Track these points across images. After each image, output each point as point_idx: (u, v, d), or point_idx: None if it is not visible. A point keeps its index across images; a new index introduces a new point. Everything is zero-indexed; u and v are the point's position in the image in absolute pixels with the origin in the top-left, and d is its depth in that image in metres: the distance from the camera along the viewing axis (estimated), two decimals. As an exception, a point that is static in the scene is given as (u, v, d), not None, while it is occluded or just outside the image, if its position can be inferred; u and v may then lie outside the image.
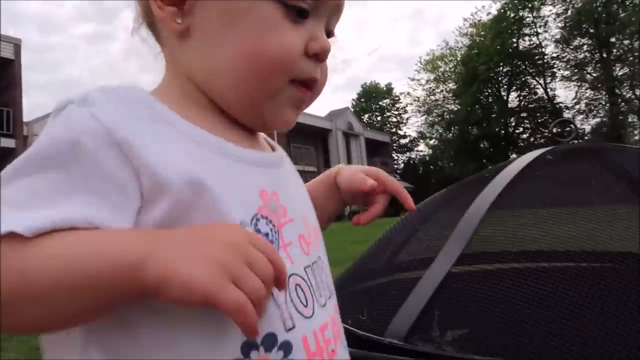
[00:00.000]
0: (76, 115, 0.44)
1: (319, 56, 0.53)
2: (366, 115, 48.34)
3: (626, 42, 32.89)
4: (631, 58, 32.68)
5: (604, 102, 36.25)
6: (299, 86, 0.53)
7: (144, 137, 0.44)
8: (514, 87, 39.05)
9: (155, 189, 0.43)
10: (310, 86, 0.54)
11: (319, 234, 0.59)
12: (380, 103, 49.02)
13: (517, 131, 39.94)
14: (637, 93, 34.45)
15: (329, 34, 0.56)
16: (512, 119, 39.68)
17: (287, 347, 0.45)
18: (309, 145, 30.93)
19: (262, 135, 0.61)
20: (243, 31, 0.50)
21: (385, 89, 49.00)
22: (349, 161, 33.36)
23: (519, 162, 1.10)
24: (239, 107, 0.53)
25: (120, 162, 0.42)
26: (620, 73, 34.77)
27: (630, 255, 0.89)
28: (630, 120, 36.17)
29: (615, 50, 34.18)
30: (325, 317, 0.51)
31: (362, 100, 49.07)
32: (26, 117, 18.46)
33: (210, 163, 0.47)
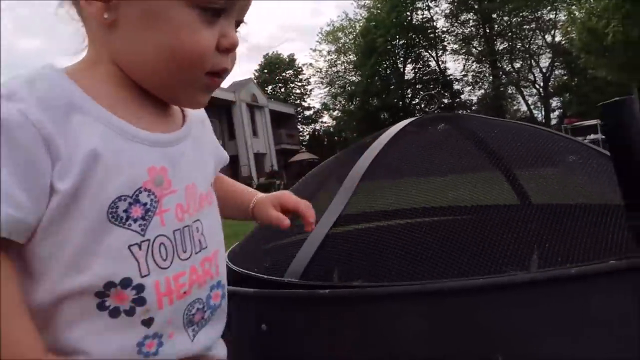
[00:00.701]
0: (7, 111, 0.52)
1: (229, 50, 0.63)
2: (270, 87, 47.88)
3: (506, 18, 35.83)
4: (510, 33, 35.74)
5: (487, 75, 39.43)
6: (212, 76, 0.63)
7: (62, 132, 0.55)
8: (410, 60, 40.85)
9: (65, 168, 0.55)
10: (222, 74, 0.65)
11: (206, 201, 0.70)
12: (284, 74, 48.89)
13: (413, 102, 42.06)
14: (516, 66, 37.87)
15: (239, 23, 0.65)
16: (408, 90, 41.63)
17: (139, 288, 0.58)
18: (214, 117, 28.55)
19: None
20: (162, 31, 0.58)
21: (287, 59, 48.82)
22: (255, 133, 33.23)
23: (387, 134, 1.32)
24: (159, 91, 0.64)
25: (44, 152, 0.54)
26: (501, 47, 37.88)
27: (466, 208, 1.25)
28: (510, 91, 39.75)
29: (496, 26, 37.07)
30: (182, 268, 0.63)
31: (265, 71, 48.45)
32: None
33: (110, 142, 0.58)
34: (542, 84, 37.26)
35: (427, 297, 0.82)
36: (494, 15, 36.07)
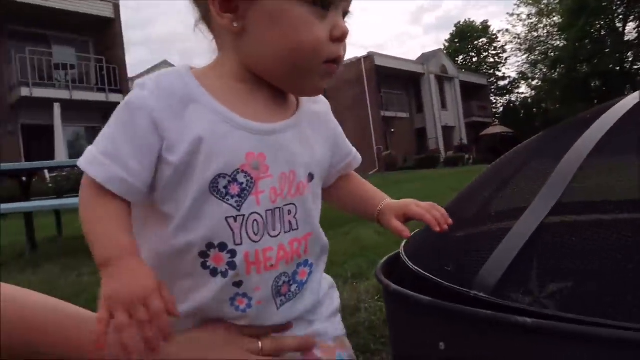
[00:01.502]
0: (135, 96, 0.67)
1: (341, 39, 0.69)
2: (460, 57, 45.63)
3: None
4: None
5: None
6: (329, 64, 0.70)
7: (174, 117, 0.67)
8: (632, 17, 34.44)
9: (174, 145, 0.66)
10: (337, 61, 0.71)
11: (306, 189, 0.75)
12: (476, 43, 45.91)
13: (635, 67, 35.54)
14: None
15: (345, 13, 0.71)
16: (629, 54, 35.30)
17: (232, 253, 0.68)
18: (400, 90, 30.05)
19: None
20: (283, 30, 0.66)
21: (481, 27, 45.70)
22: (443, 105, 32.06)
23: (625, 103, 0.91)
24: (284, 83, 0.72)
25: (153, 131, 0.66)
26: None
27: None
28: None
29: None
30: (271, 244, 0.71)
31: (456, 41, 46.21)
32: (130, 73, 19.70)
33: (216, 128, 0.67)
34: None
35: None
36: None
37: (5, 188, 10.45)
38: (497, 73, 45.95)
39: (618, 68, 34.75)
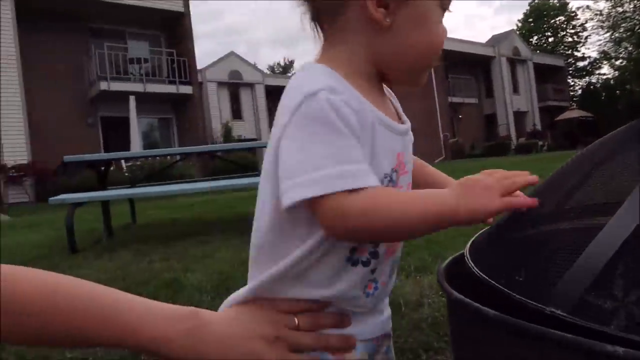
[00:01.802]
0: (335, 99, 0.62)
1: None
2: (535, 37, 43.16)
3: None
4: None
5: None
6: None
7: (356, 118, 0.64)
8: None
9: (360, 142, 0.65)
10: None
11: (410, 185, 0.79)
12: (553, 22, 43.16)
13: None
14: None
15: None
16: None
17: (376, 243, 0.71)
18: (469, 75, 28.94)
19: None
20: (426, 30, 0.69)
21: (558, 4, 42.89)
22: (515, 89, 30.52)
23: None
24: (406, 78, 0.75)
25: (357, 129, 0.63)
26: None
27: None
28: None
29: None
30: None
31: (530, 20, 43.69)
32: (198, 65, 20.32)
33: (381, 133, 0.68)
34: None
35: None
36: None
37: (85, 177, 11.18)
38: (576, 53, 43.04)
39: None
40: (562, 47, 42.83)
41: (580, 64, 43.16)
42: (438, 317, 2.11)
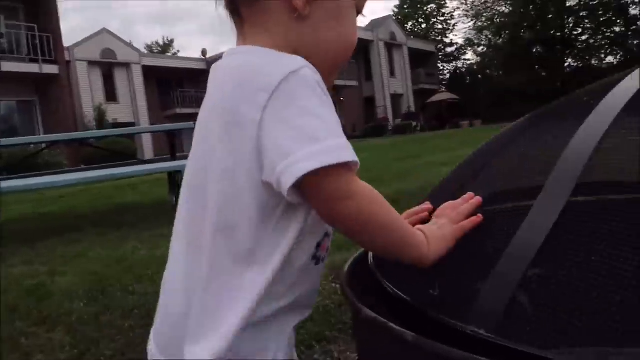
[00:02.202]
0: (317, 75, 0.62)
1: None
2: (410, 23, 45.68)
3: None
4: None
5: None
6: None
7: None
8: (574, -18, 35.47)
9: None
10: None
11: None
12: (425, 9, 46.00)
13: (574, 32, 36.81)
14: None
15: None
16: (570, 19, 36.45)
17: (329, 235, 0.70)
18: (350, 58, 29.83)
19: None
20: (342, 27, 0.71)
21: (430, -8, 45.77)
22: (392, 73, 32.16)
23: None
24: (325, 74, 0.68)
25: None
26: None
27: None
28: None
29: None
30: None
31: (405, 6, 46.12)
32: (66, 42, 18.49)
33: None
34: None
35: None
36: None
37: None
38: (445, 39, 46.43)
39: (559, 34, 35.86)
40: (434, 33, 45.92)
41: (449, 49, 46.70)
42: (329, 305, 2.16)
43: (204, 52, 30.33)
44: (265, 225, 0.61)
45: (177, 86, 28.29)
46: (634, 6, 33.59)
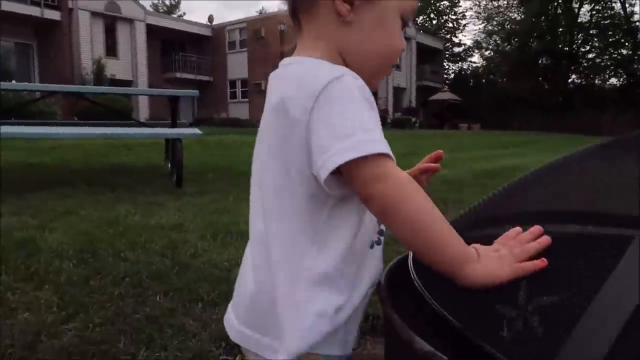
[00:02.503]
0: (359, 83, 0.68)
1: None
2: (420, 18, 45.34)
3: None
4: None
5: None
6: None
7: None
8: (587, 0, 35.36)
9: None
10: None
11: None
12: (438, 4, 45.62)
13: (582, 49, 36.80)
14: None
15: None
16: (579, 36, 36.42)
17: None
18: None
19: None
20: (385, 33, 0.76)
21: (445, -11, 45.34)
22: (397, 66, 31.93)
23: None
24: (369, 77, 0.74)
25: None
26: None
27: None
28: None
29: None
30: None
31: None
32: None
33: None
34: None
35: None
36: None
37: None
38: (454, 39, 46.22)
39: (567, 49, 35.83)
40: (443, 31, 45.63)
41: (457, 49, 46.52)
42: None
43: (210, 19, 29.84)
44: (318, 216, 0.69)
45: (180, 49, 27.87)
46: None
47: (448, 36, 45.54)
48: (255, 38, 27.97)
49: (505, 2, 39.48)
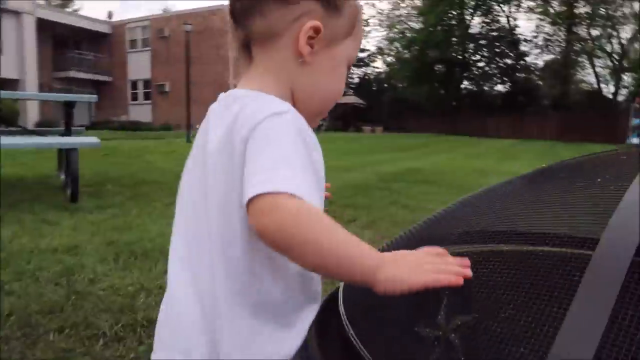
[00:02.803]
0: (300, 120, 0.71)
1: None
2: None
3: (594, -21, 32.64)
4: (594, -3, 32.63)
5: (560, 39, 36.55)
6: None
7: (314, 141, 0.74)
8: (479, 12, 38.24)
9: None
10: None
11: None
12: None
13: (473, 58, 39.77)
14: (593, 34, 34.86)
15: None
16: (471, 45, 39.31)
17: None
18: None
19: None
20: (335, 78, 0.82)
21: (349, -4, 46.41)
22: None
23: None
24: (312, 116, 0.80)
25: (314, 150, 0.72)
26: (581, 11, 34.82)
27: None
28: (579, 60, 36.94)
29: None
30: None
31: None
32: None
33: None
34: (617, 57, 34.37)
35: None
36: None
37: None
38: (358, 44, 47.48)
39: (460, 57, 38.52)
40: (348, 36, 46.68)
41: (361, 54, 47.94)
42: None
43: (110, 15, 28.19)
44: (256, 244, 0.66)
45: (75, 47, 25.97)
46: (525, 43, 37.29)
47: (353, 41, 46.73)
48: (159, 37, 26.85)
49: (406, 12, 41.53)
